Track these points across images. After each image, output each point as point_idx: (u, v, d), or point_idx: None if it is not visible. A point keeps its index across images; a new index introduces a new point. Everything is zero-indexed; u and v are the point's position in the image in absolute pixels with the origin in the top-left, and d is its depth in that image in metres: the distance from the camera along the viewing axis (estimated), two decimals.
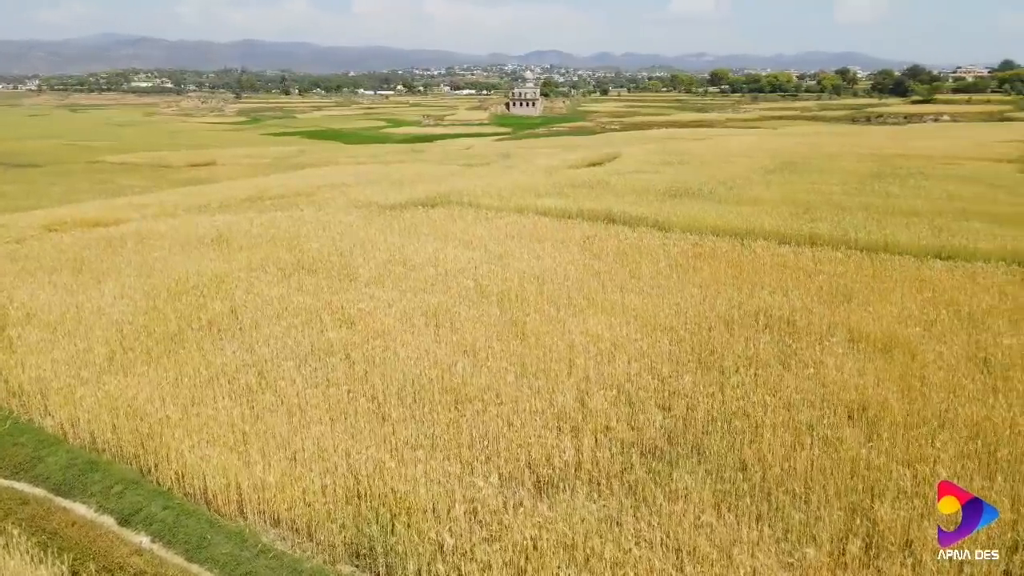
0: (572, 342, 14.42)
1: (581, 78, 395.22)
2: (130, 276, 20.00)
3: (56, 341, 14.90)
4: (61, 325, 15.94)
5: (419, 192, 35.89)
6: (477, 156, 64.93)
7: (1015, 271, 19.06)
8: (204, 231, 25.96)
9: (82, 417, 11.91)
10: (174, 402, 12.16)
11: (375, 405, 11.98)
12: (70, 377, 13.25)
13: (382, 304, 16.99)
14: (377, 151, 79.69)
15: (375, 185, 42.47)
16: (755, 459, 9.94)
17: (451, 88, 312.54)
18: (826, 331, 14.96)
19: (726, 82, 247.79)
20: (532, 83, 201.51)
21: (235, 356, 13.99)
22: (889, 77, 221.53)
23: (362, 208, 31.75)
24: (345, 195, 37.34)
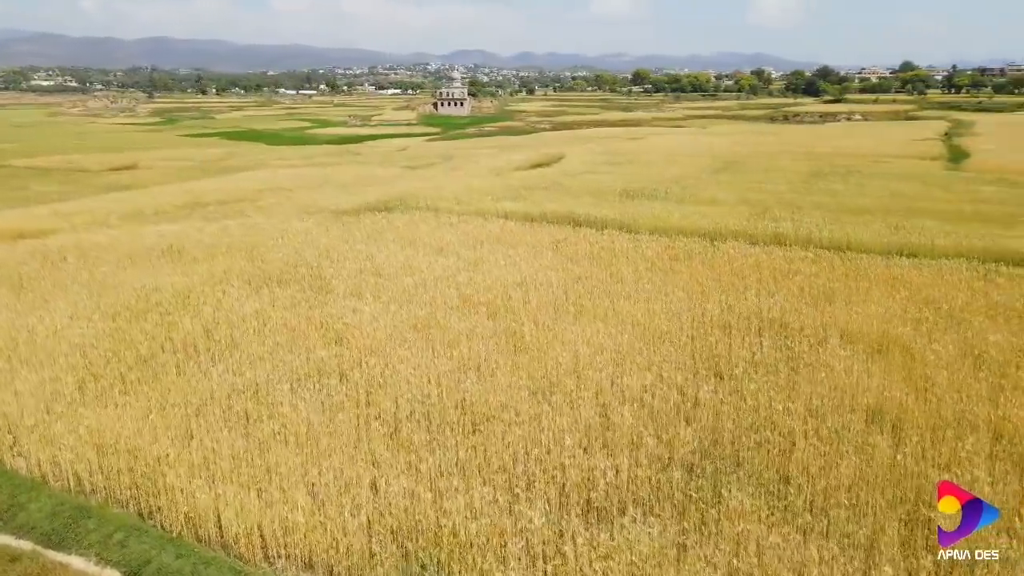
0: (576, 353, 14.06)
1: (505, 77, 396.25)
2: (80, 294, 18.47)
3: (14, 371, 13.52)
4: (15, 352, 14.51)
5: (370, 196, 34.84)
6: (417, 157, 63.83)
7: (976, 267, 19.78)
8: (151, 242, 24.34)
9: (63, 456, 10.77)
10: (166, 435, 11.16)
11: (390, 429, 11.31)
12: (40, 411, 12.02)
13: (366, 318, 16.21)
14: (310, 153, 77.30)
15: (319, 189, 41.12)
16: (797, 471, 9.81)
17: (375, 88, 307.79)
18: (821, 333, 15.11)
19: (648, 82, 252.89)
20: (460, 83, 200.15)
21: (222, 380, 13.00)
22: (801, 78, 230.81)
23: (315, 214, 30.52)
24: (291, 200, 35.91)
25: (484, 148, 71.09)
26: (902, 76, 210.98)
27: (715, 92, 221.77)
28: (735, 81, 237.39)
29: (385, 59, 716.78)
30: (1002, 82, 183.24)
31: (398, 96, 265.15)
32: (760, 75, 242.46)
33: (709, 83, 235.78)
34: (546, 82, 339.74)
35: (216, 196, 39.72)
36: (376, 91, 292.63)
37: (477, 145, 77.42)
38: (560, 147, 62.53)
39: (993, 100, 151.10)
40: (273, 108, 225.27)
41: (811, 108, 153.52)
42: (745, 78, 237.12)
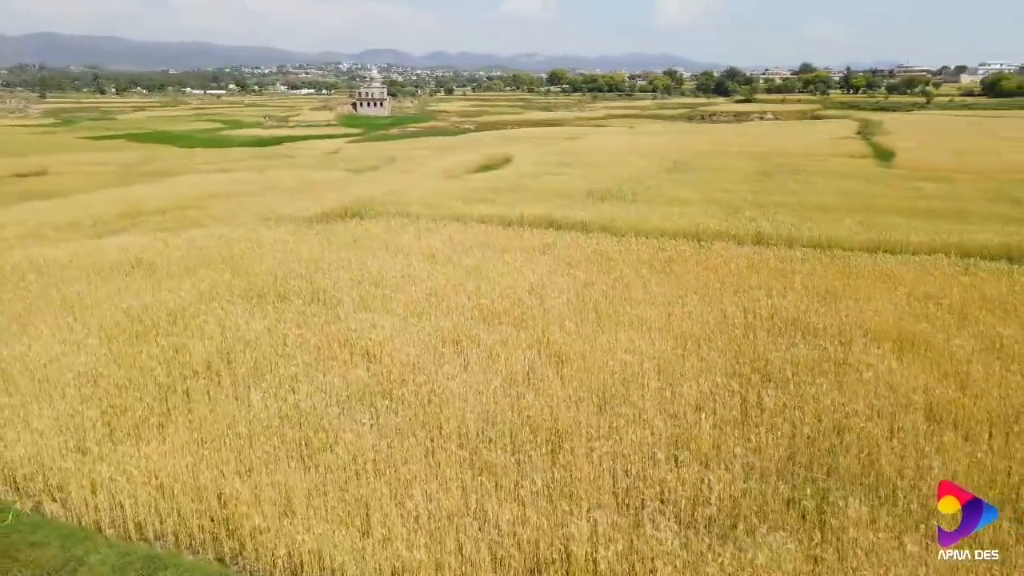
0: (622, 361, 13.90)
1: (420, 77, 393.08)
2: (60, 316, 16.95)
3: (25, 407, 12.22)
4: (14, 386, 13.13)
5: (328, 202, 33.72)
6: (355, 160, 62.25)
7: (956, 263, 20.83)
8: (115, 256, 22.65)
9: (117, 500, 9.77)
10: (226, 469, 10.31)
11: (466, 452, 10.83)
12: (72, 451, 10.89)
13: (388, 332, 15.55)
14: (237, 156, 74.10)
15: (267, 195, 39.49)
16: (893, 473, 9.98)
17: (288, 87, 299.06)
18: (843, 332, 15.50)
19: (565, 82, 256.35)
20: (379, 83, 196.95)
21: (264, 406, 12.16)
22: (710, 78, 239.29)
23: (278, 222, 29.23)
24: (244, 207, 34.29)
25: (421, 150, 70.08)
26: (804, 77, 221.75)
27: (631, 92, 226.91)
28: (649, 81, 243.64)
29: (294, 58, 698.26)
30: (895, 83, 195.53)
31: (313, 96, 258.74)
32: (672, 75, 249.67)
33: (624, 83, 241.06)
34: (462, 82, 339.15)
35: (156, 204, 37.46)
36: (289, 91, 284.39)
37: (412, 147, 76.24)
38: (500, 148, 62.35)
39: (889, 100, 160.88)
40: (180, 108, 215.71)
41: (725, 108, 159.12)
42: (659, 78, 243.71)
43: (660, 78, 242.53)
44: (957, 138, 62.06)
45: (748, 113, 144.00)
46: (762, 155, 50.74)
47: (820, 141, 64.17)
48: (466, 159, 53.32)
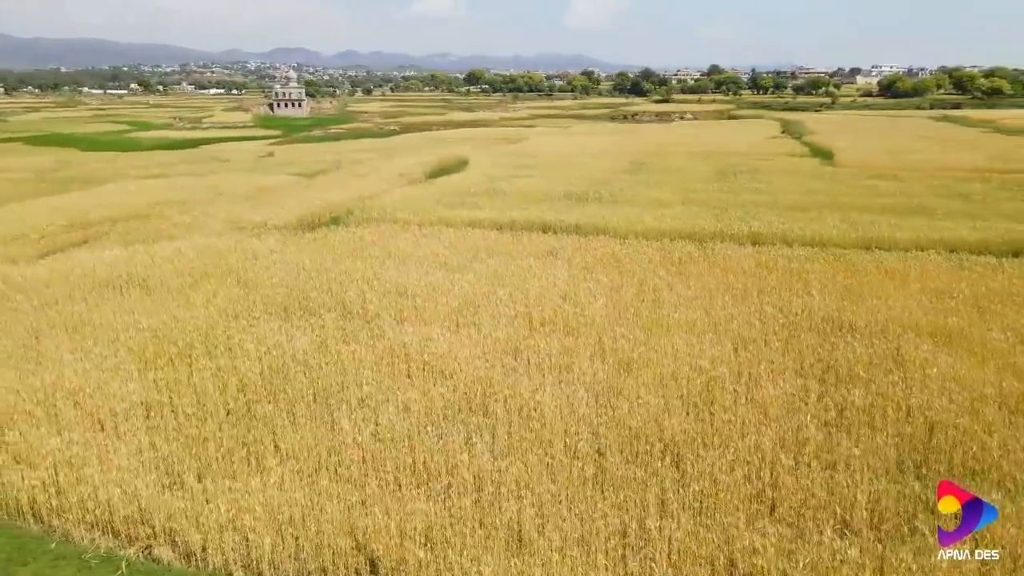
0: (694, 366, 13.98)
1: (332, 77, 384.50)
2: (71, 339, 15.68)
3: (91, 442, 11.16)
4: (65, 417, 12.00)
5: (297, 208, 32.54)
6: (297, 163, 59.87)
7: (949, 258, 22.01)
8: (102, 272, 21.08)
9: (243, 539, 9.05)
10: (352, 499, 9.75)
11: (592, 467, 10.60)
12: (167, 487, 10.05)
13: (444, 345, 15.11)
14: (166, 160, 70.06)
15: (223, 202, 37.55)
16: (1013, 468, 10.37)
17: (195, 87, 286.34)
18: (884, 328, 16.09)
19: (484, 82, 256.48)
20: (296, 82, 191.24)
21: (357, 431, 11.54)
22: (626, 79, 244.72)
23: (259, 231, 27.97)
24: (209, 215, 32.51)
25: (362, 152, 68.38)
26: (715, 78, 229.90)
27: (551, 92, 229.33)
28: (567, 82, 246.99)
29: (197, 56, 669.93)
30: (800, 84, 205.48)
31: (222, 96, 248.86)
32: (590, 76, 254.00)
33: (543, 84, 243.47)
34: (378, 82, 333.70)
35: (102, 214, 34.99)
36: (196, 91, 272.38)
37: (350, 149, 74.30)
38: (447, 150, 61.67)
39: (797, 100, 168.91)
40: (79, 109, 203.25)
41: (646, 108, 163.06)
42: (576, 79, 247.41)
43: (578, 79, 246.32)
44: (882, 138, 65.66)
45: (669, 113, 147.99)
46: (709, 155, 52.25)
47: (755, 141, 66.62)
48: (417, 162, 52.40)
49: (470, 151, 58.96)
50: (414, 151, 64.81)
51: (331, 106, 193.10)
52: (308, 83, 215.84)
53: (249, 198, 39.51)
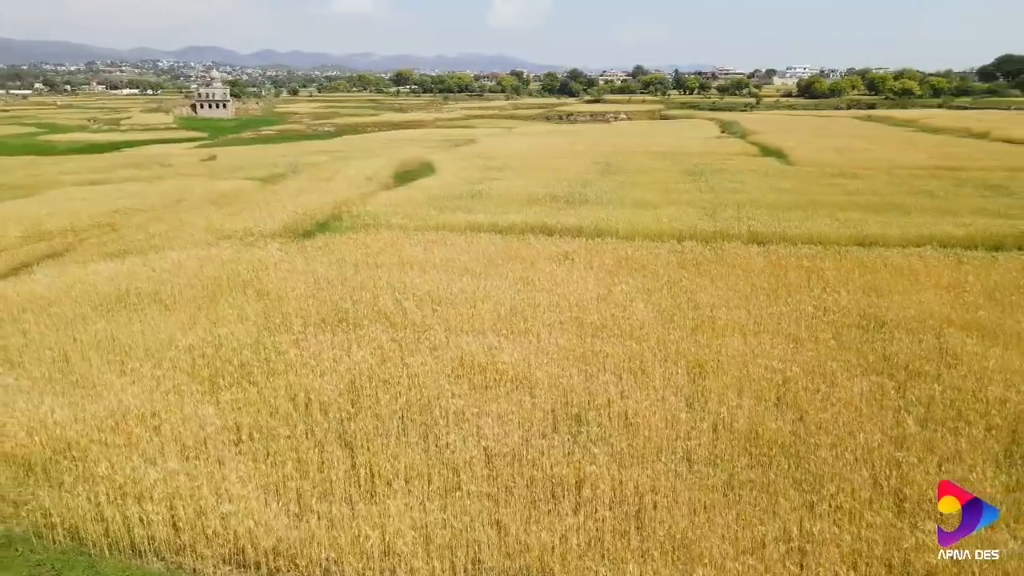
0: (766, 367, 14.26)
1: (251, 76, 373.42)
2: (108, 359, 14.73)
3: (199, 470, 10.47)
4: (147, 444, 11.25)
5: (281, 215, 31.50)
6: (248, 167, 57.78)
7: (947, 254, 23.11)
8: (105, 287, 19.83)
9: (451, 570, 8.70)
10: (513, 524, 9.50)
11: (723, 473, 10.68)
12: (293, 515, 9.57)
13: (515, 355, 14.80)
14: (100, 166, 66.18)
15: (186, 208, 36.14)
16: None
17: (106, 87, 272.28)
18: (925, 324, 16.74)
19: (413, 82, 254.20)
20: (220, 82, 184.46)
21: (468, 447, 11.25)
22: (555, 79, 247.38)
23: (247, 239, 26.93)
24: (184, 224, 31.11)
25: (313, 155, 66.59)
26: (643, 79, 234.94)
27: (481, 92, 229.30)
28: (497, 82, 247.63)
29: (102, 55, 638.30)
30: (725, 84, 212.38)
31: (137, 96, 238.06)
32: (519, 76, 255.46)
33: (473, 84, 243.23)
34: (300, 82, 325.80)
35: (59, 223, 32.95)
36: (108, 91, 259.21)
37: (297, 151, 72.28)
38: (404, 152, 60.89)
39: (724, 100, 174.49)
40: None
41: (580, 108, 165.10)
42: (506, 79, 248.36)
43: (507, 79, 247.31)
44: (822, 137, 68.51)
45: (603, 113, 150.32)
46: (668, 155, 53.39)
47: (704, 140, 68.47)
48: (379, 164, 51.53)
49: (429, 153, 58.36)
50: (368, 154, 63.70)
51: (257, 107, 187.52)
52: (231, 83, 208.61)
53: (215, 204, 38.08)
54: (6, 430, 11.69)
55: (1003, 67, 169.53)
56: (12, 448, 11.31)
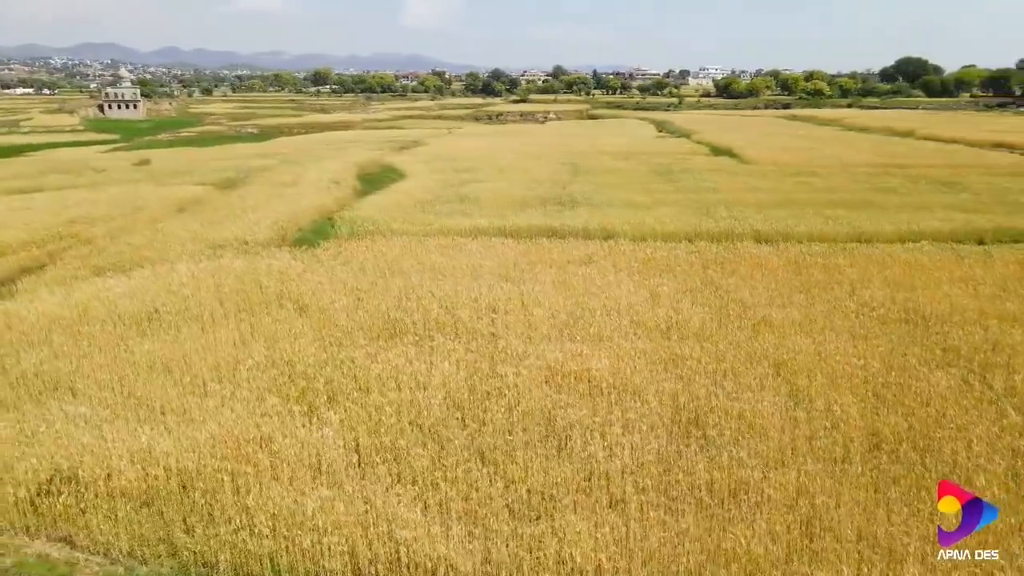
0: (847, 363, 14.74)
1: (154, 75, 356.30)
2: (176, 382, 13.83)
3: (350, 498, 9.96)
4: (277, 470, 10.62)
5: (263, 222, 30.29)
6: (197, 172, 54.56)
7: (943, 248, 24.45)
8: (127, 305, 18.52)
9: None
10: (707, 530, 9.50)
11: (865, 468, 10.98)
12: (512, 539, 9.24)
13: (597, 360, 14.81)
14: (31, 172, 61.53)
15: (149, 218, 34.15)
16: None
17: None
18: (964, 317, 17.60)
19: (332, 82, 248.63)
20: (130, 82, 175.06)
21: (614, 459, 11.17)
22: (477, 79, 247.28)
23: (252, 249, 25.79)
24: (167, 234, 29.37)
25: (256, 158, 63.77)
26: (565, 79, 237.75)
27: (404, 92, 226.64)
28: (419, 82, 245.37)
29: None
30: (647, 85, 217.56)
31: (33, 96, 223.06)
32: (441, 76, 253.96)
33: (396, 84, 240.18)
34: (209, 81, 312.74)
35: (15, 237, 30.47)
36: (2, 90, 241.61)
37: (237, 155, 69.42)
38: (358, 154, 59.56)
39: (647, 100, 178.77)
40: None
41: (508, 108, 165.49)
42: (429, 79, 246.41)
43: (430, 79, 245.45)
44: (764, 136, 71.02)
45: (532, 112, 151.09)
46: (626, 155, 54.29)
47: (650, 140, 70.05)
48: (337, 168, 50.14)
49: (384, 156, 57.38)
50: (315, 157, 61.79)
51: (170, 107, 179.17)
52: (141, 83, 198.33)
53: (182, 211, 36.41)
54: (112, 464, 10.80)
55: (902, 68, 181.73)
56: (128, 483, 10.47)
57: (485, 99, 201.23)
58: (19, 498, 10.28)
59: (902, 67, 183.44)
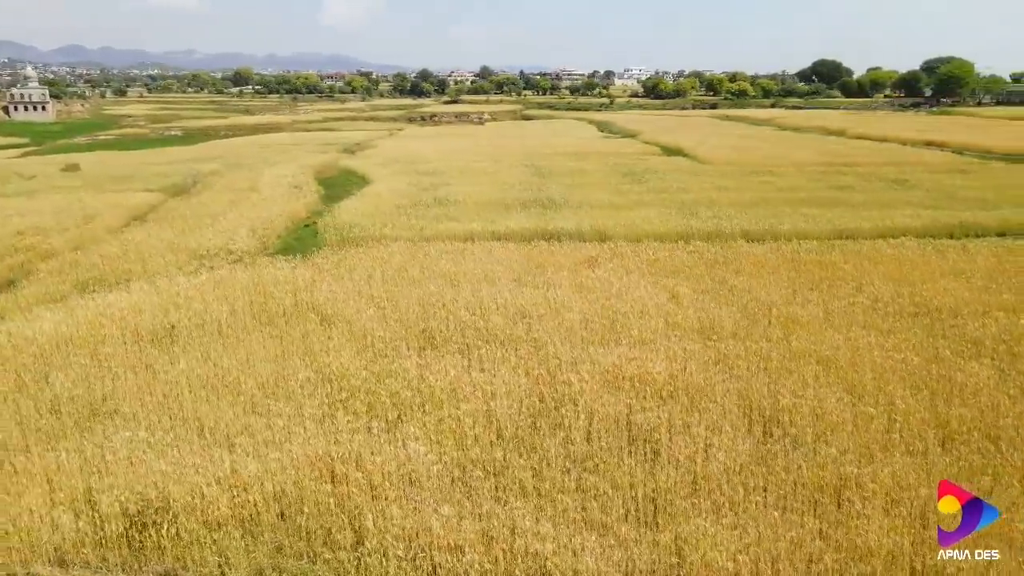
0: (884, 356, 15.35)
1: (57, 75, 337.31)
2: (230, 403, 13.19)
3: (460, 514, 9.71)
4: (384, 490, 10.25)
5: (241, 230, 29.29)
6: (139, 177, 51.66)
7: (925, 244, 25.61)
8: (138, 320, 17.54)
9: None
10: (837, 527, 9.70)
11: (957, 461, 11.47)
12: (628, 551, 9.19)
13: (653, 364, 14.92)
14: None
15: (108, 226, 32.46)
16: None
17: None
18: (974, 310, 18.42)
19: (255, 82, 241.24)
20: (37, 82, 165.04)
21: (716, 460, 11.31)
22: (405, 80, 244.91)
23: (239, 258, 24.83)
24: (140, 244, 27.96)
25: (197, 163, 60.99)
26: (494, 79, 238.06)
27: (331, 93, 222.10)
28: (346, 82, 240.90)
29: None
30: (577, 85, 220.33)
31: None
32: (368, 77, 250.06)
33: (322, 84, 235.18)
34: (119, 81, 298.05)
35: None
36: None
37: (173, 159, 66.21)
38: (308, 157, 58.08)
39: (579, 100, 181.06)
40: None
41: (443, 109, 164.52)
42: (356, 80, 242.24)
43: (357, 79, 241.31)
44: (709, 136, 72.60)
45: (467, 113, 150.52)
46: (583, 156, 54.85)
47: (599, 141, 71.02)
48: (292, 171, 48.83)
49: (338, 159, 56.15)
50: (261, 160, 59.82)
51: (83, 109, 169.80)
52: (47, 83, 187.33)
53: (140, 220, 34.77)
54: (203, 491, 10.19)
55: (818, 70, 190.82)
56: (226, 511, 9.90)
57: (416, 100, 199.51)
58: (111, 533, 9.58)
59: (818, 69, 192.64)
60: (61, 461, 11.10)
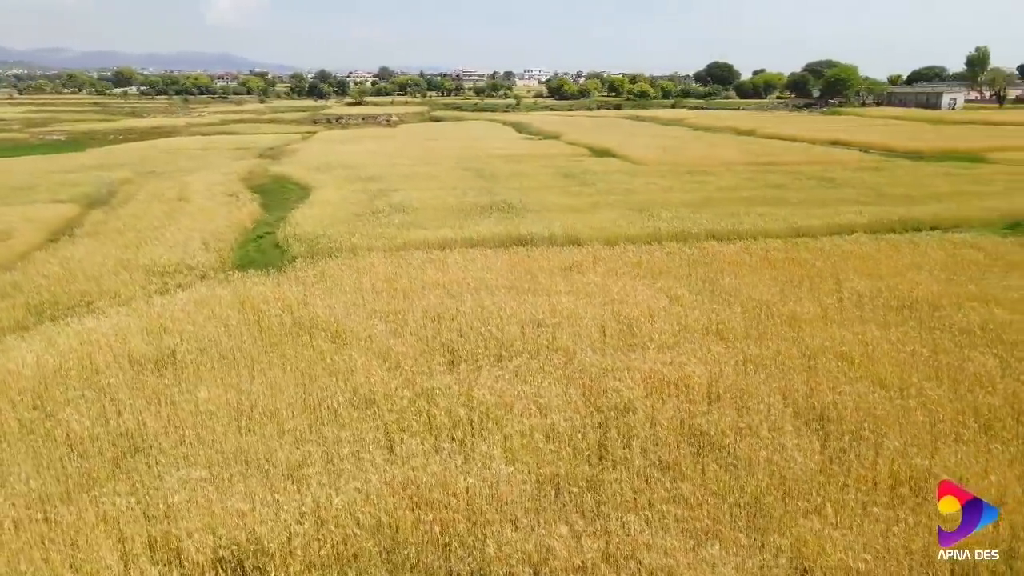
0: (899, 351, 16.19)
1: None
2: (278, 431, 12.37)
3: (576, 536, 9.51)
4: (485, 516, 9.91)
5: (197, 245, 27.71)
6: (43, 187, 47.37)
7: (875, 239, 27.26)
8: (128, 347, 16.16)
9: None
10: None
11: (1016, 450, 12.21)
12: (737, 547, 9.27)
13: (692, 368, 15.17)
14: None
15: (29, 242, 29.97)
16: None
17: None
18: (960, 304, 19.58)
19: (140, 82, 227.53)
20: None
21: (795, 464, 11.60)
22: (303, 81, 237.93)
23: (202, 275, 23.41)
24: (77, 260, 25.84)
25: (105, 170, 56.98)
26: (397, 80, 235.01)
27: (225, 95, 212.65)
28: (242, 83, 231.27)
29: None
30: (481, 86, 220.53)
31: None
32: (264, 77, 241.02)
33: (215, 85, 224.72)
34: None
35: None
36: None
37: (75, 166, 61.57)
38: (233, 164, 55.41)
39: (486, 101, 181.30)
40: None
41: (348, 111, 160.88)
42: (252, 80, 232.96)
43: (253, 80, 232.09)
44: (630, 136, 74.08)
45: (374, 115, 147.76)
46: (518, 159, 54.89)
47: (521, 142, 71.36)
48: (219, 179, 46.66)
49: (266, 165, 53.83)
50: (176, 167, 56.64)
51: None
52: None
53: (66, 235, 32.14)
54: (290, 529, 9.53)
55: (712, 72, 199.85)
56: (326, 549, 9.28)
57: (317, 101, 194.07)
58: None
59: (712, 71, 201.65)
60: (119, 507, 10.09)
